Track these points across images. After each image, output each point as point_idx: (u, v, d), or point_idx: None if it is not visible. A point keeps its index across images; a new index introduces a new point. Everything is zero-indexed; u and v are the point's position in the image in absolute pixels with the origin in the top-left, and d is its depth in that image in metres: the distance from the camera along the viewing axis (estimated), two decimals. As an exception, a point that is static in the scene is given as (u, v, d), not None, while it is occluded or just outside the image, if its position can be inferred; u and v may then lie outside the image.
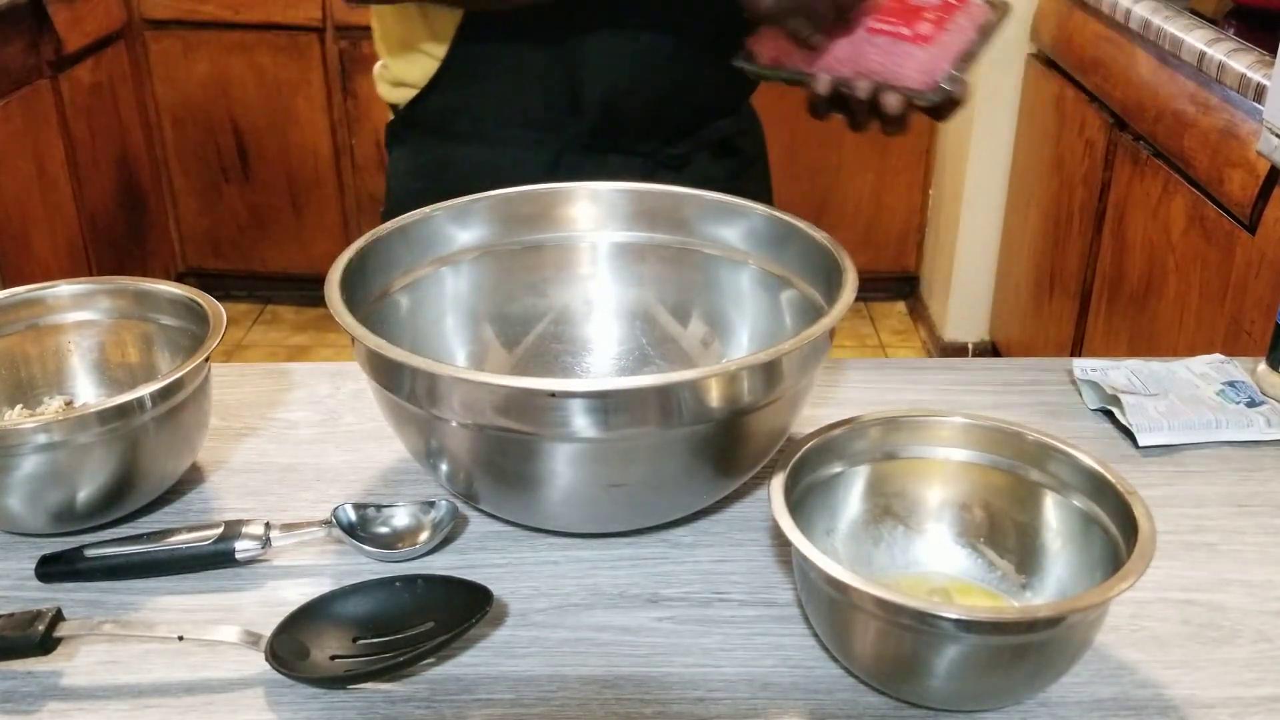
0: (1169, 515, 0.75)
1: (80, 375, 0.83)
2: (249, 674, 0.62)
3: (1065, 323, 2.20)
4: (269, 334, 2.95)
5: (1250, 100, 1.53)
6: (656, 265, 0.87)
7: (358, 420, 0.85)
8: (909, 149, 2.85)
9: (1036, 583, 0.65)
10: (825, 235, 0.77)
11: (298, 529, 0.70)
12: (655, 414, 0.62)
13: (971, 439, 0.67)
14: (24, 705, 0.60)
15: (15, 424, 0.67)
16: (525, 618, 0.66)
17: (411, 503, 0.72)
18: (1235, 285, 1.56)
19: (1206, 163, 1.64)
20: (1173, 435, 0.82)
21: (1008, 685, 0.58)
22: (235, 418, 0.86)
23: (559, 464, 0.64)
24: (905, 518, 0.69)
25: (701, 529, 0.74)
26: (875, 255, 2.95)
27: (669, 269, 0.86)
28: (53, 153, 2.32)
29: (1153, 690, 0.61)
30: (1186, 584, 0.69)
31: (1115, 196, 1.97)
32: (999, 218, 2.60)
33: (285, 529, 0.70)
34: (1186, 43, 1.70)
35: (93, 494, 0.70)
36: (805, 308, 0.79)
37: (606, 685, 0.61)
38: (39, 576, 0.69)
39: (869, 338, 2.94)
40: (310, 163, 2.83)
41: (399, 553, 0.70)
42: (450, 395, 0.63)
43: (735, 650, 0.64)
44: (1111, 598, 0.54)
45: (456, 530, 0.72)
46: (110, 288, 0.82)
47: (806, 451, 0.64)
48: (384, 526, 0.71)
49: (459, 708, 0.60)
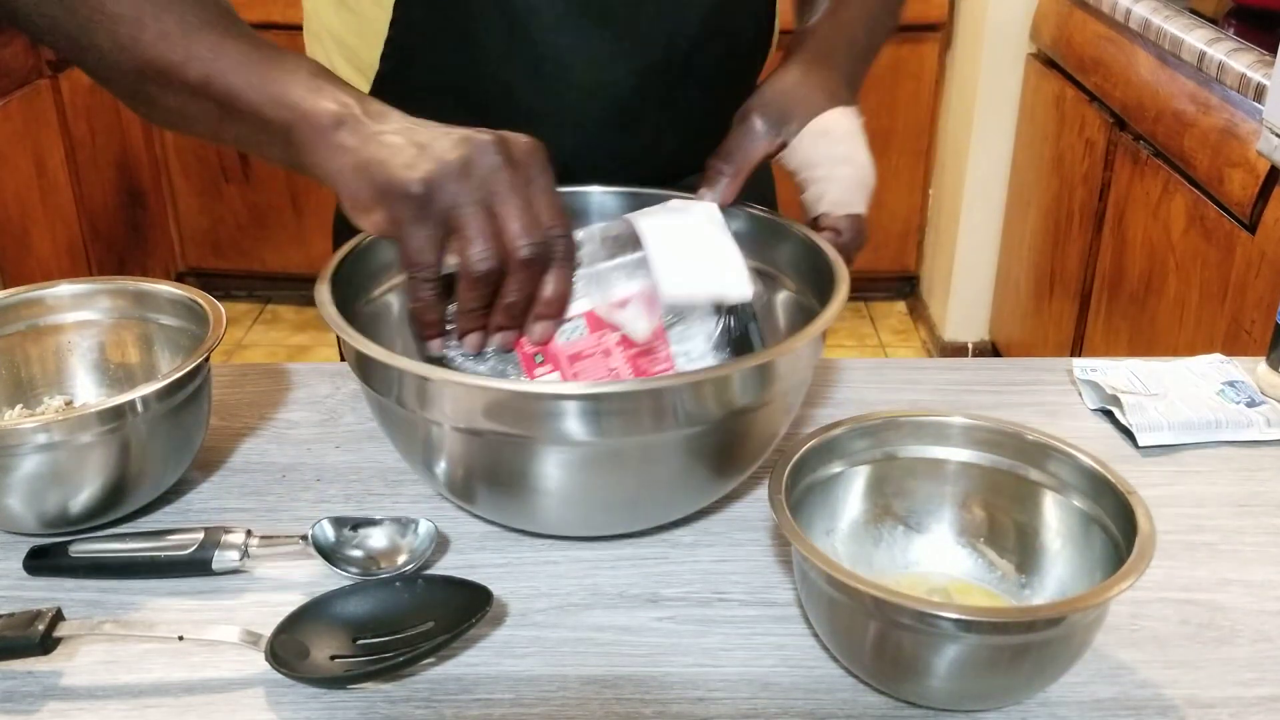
0: (1169, 515, 0.75)
1: (80, 375, 0.83)
2: (249, 674, 0.62)
3: (1065, 323, 2.20)
4: (269, 334, 2.95)
5: (1250, 100, 1.53)
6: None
7: (357, 420, 0.85)
8: (909, 149, 2.85)
9: (1036, 583, 0.65)
10: (818, 236, 0.77)
11: (276, 542, 0.69)
12: (648, 417, 0.62)
13: (971, 439, 0.67)
14: (24, 705, 0.60)
15: (15, 424, 0.67)
16: (525, 618, 0.66)
17: (391, 522, 0.70)
18: (1235, 285, 1.56)
19: (1206, 163, 1.64)
20: (1173, 435, 0.82)
21: (1008, 685, 0.58)
22: (235, 418, 0.86)
23: (552, 467, 0.64)
24: (905, 518, 0.69)
25: (701, 529, 0.74)
26: (875, 255, 2.95)
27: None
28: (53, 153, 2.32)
29: (1153, 690, 0.61)
30: (1186, 584, 0.69)
31: (1115, 196, 1.97)
32: (999, 218, 2.60)
33: (265, 541, 0.69)
34: (1186, 42, 1.70)
35: (92, 494, 0.70)
36: (798, 309, 0.79)
37: (606, 685, 0.61)
38: (27, 569, 0.69)
39: (869, 338, 2.94)
40: (310, 163, 2.82)
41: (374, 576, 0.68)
42: (440, 399, 0.63)
43: (735, 650, 0.64)
44: (1111, 598, 0.54)
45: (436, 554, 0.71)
46: (110, 288, 0.82)
47: (806, 451, 0.64)
48: (358, 549, 0.69)
49: (459, 708, 0.60)
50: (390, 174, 0.62)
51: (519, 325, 0.68)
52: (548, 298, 0.66)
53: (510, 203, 0.63)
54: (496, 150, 0.63)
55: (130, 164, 2.69)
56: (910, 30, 2.68)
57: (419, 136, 0.64)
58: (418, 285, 0.65)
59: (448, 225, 0.63)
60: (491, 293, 0.65)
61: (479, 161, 0.63)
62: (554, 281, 0.66)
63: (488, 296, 0.65)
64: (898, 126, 2.81)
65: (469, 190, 0.62)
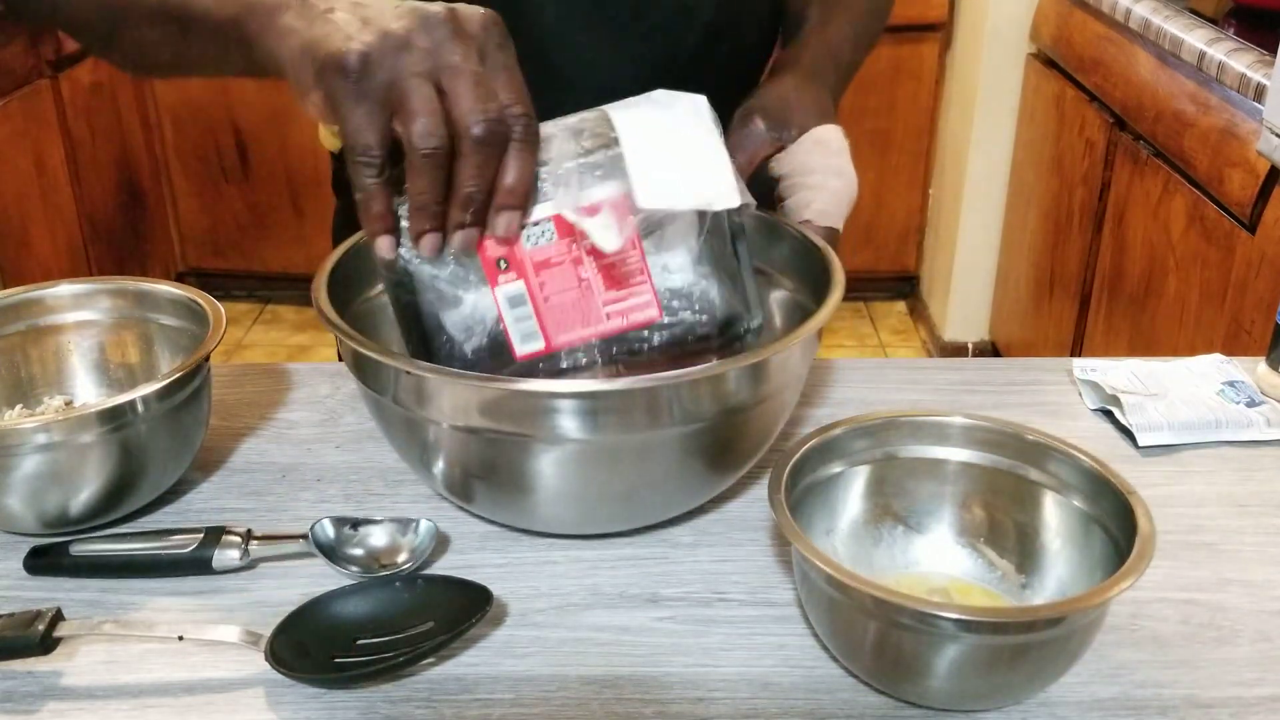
0: (1169, 515, 0.75)
1: (80, 375, 0.83)
2: (249, 674, 0.62)
3: (1065, 323, 2.20)
4: (269, 334, 2.95)
5: (1250, 100, 1.53)
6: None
7: (358, 420, 0.85)
8: (909, 149, 2.85)
9: (1036, 583, 0.65)
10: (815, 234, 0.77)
11: (276, 542, 0.69)
12: (644, 415, 0.62)
13: (971, 439, 0.67)
14: (24, 705, 0.60)
15: (15, 424, 0.67)
16: (525, 618, 0.66)
17: (391, 521, 0.70)
18: (1235, 285, 1.56)
19: (1206, 162, 1.64)
20: (1173, 435, 0.82)
21: (1008, 685, 0.58)
22: (235, 418, 0.86)
23: (549, 465, 0.64)
24: (905, 518, 0.69)
25: (701, 529, 0.74)
26: (875, 255, 2.95)
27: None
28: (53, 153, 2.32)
29: (1153, 690, 0.61)
30: (1186, 584, 0.69)
31: (1115, 196, 1.97)
32: (999, 218, 2.60)
33: (265, 541, 0.69)
34: (1186, 42, 1.70)
35: (92, 494, 0.70)
36: (794, 307, 0.79)
37: (606, 685, 0.61)
38: (27, 569, 0.69)
39: (869, 338, 2.94)
40: (310, 162, 2.83)
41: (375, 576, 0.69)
42: (437, 397, 0.63)
43: (735, 650, 0.64)
44: (1111, 598, 0.54)
45: (436, 554, 0.71)
46: (110, 288, 0.82)
47: (806, 451, 0.64)
48: (358, 548, 0.69)
49: (459, 708, 0.60)
50: (329, 47, 0.58)
51: (480, 222, 0.62)
52: (509, 184, 0.60)
53: (461, 77, 0.58)
54: (446, 20, 0.58)
55: (130, 164, 2.69)
56: (910, 30, 2.68)
57: (366, 12, 0.59)
58: (359, 170, 0.60)
59: (390, 101, 0.58)
60: (444, 182, 0.60)
61: (426, 32, 0.58)
62: (515, 166, 0.60)
63: (439, 186, 0.60)
64: (898, 126, 2.81)
65: (414, 62, 0.57)
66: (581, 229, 0.64)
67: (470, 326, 0.68)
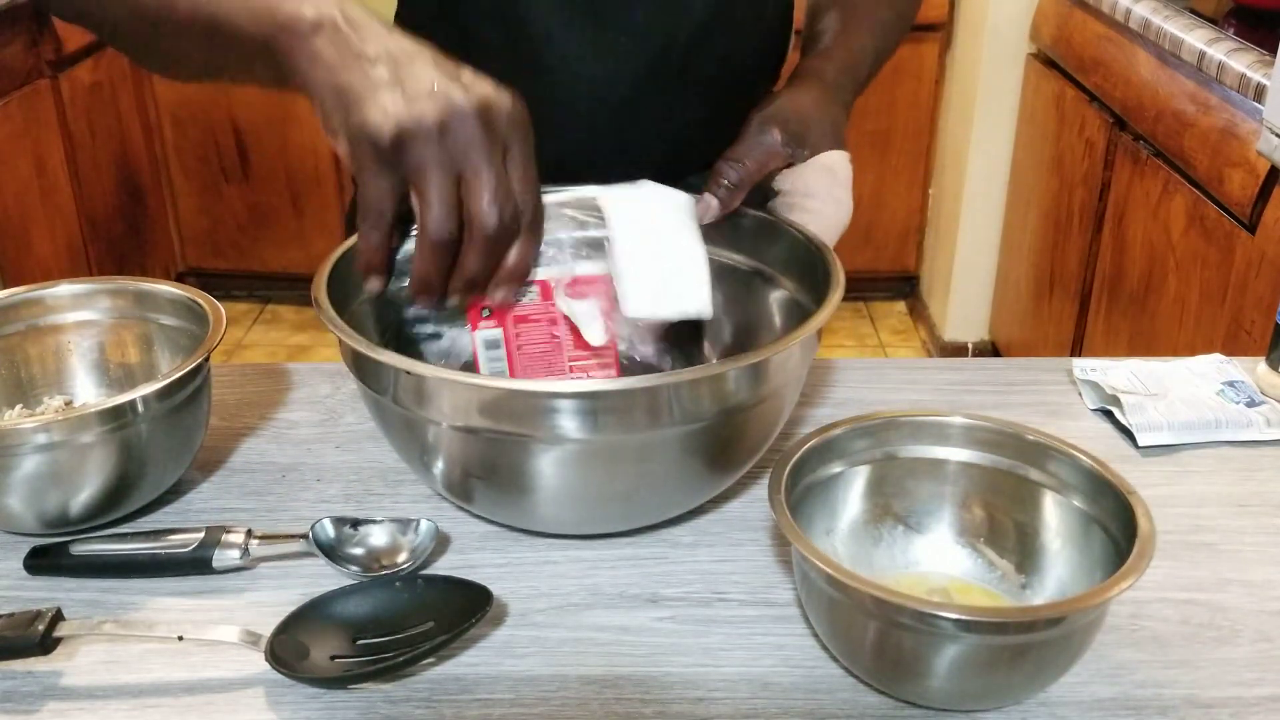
0: (1169, 515, 0.75)
1: (80, 375, 0.83)
2: (249, 674, 0.62)
3: (1065, 323, 2.21)
4: (269, 334, 2.95)
5: (1250, 100, 1.53)
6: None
7: (358, 420, 0.85)
8: (909, 149, 2.85)
9: (1036, 583, 0.65)
10: (814, 234, 0.77)
11: (276, 542, 0.69)
12: (644, 415, 0.62)
13: (971, 439, 0.67)
14: (24, 705, 0.60)
15: (15, 424, 0.67)
16: (525, 618, 0.66)
17: (392, 521, 0.70)
18: (1235, 285, 1.56)
19: (1206, 163, 1.64)
20: (1172, 435, 0.82)
21: (1008, 685, 0.58)
22: (235, 418, 0.86)
23: (548, 465, 0.64)
24: (905, 518, 0.69)
25: (701, 529, 0.74)
26: (875, 255, 2.95)
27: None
28: (53, 153, 2.32)
29: (1153, 690, 0.61)
30: (1186, 584, 0.69)
31: (1115, 196, 1.97)
32: (999, 218, 2.60)
33: (265, 541, 0.69)
34: (1186, 42, 1.70)
35: (92, 494, 0.70)
36: (794, 307, 0.79)
37: (606, 685, 0.61)
38: (28, 569, 0.69)
39: (869, 338, 2.94)
40: (310, 162, 2.83)
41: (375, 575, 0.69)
42: (436, 397, 0.63)
43: (735, 650, 0.64)
44: (1111, 598, 0.54)
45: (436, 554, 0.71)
46: (110, 288, 0.82)
47: (806, 451, 0.64)
48: (358, 548, 0.69)
49: (459, 708, 0.60)
50: (364, 115, 0.60)
51: (477, 294, 0.66)
52: (511, 266, 0.65)
53: (482, 176, 0.61)
54: (478, 114, 0.61)
55: (130, 164, 2.69)
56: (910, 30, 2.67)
57: (401, 71, 0.61)
58: (365, 228, 0.63)
59: (411, 181, 0.61)
60: (450, 261, 0.63)
61: (457, 129, 0.60)
62: (520, 252, 0.64)
63: (445, 267, 0.63)
64: (898, 126, 2.81)
65: (441, 154, 0.60)
66: (570, 313, 0.72)
67: (445, 356, 0.77)
